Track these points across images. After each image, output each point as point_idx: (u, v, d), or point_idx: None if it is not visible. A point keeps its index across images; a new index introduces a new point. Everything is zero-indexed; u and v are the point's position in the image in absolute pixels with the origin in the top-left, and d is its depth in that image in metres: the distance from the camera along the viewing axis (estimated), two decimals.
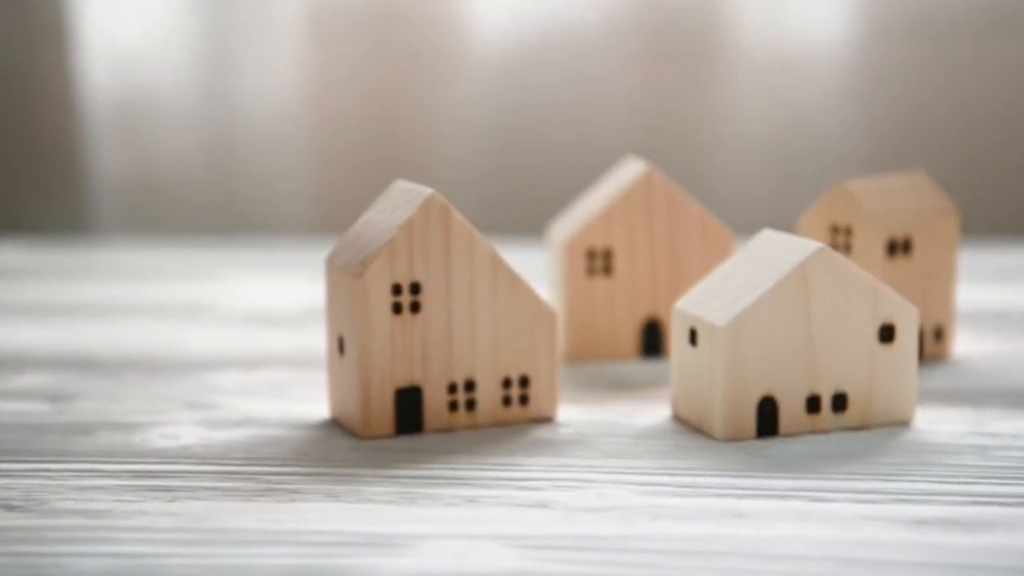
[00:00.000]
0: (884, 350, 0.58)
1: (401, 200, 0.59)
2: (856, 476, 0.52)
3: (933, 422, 0.59)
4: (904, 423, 0.58)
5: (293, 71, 1.24)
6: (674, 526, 0.46)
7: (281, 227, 1.24)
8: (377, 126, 1.26)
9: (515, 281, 0.59)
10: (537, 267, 0.73)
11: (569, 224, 0.72)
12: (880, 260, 0.68)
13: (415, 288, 0.57)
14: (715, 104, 1.23)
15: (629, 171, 0.72)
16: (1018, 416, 0.59)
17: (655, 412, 0.61)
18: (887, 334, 0.58)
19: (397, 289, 0.57)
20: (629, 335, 0.71)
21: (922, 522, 0.46)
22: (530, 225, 1.09)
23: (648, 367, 0.69)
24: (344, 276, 0.58)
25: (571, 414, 0.60)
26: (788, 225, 1.24)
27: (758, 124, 1.23)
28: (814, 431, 0.57)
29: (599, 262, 0.71)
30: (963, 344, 0.72)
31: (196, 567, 0.42)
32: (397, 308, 0.57)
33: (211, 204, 1.27)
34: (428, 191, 0.58)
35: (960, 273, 0.79)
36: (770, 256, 0.59)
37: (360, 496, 0.49)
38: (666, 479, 0.51)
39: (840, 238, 0.70)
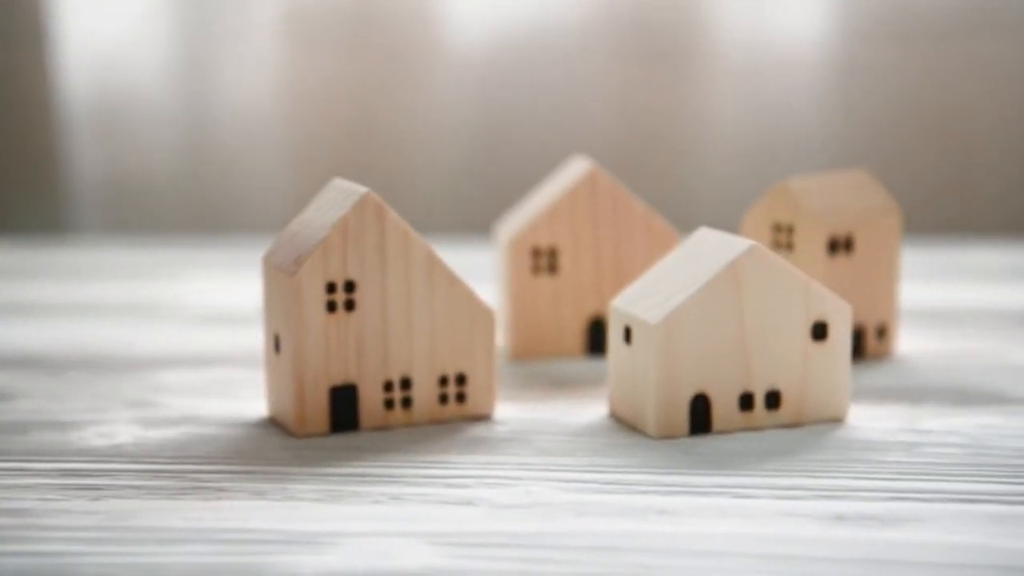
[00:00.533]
0: (817, 348, 0.59)
1: (337, 199, 0.59)
2: (782, 473, 0.52)
3: (867, 419, 0.59)
4: (837, 420, 0.59)
5: (270, 71, 1.24)
6: (595, 523, 0.47)
7: (259, 226, 1.25)
8: (355, 126, 1.26)
9: (452, 280, 0.59)
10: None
11: (515, 223, 0.73)
12: (821, 258, 0.69)
13: (349, 286, 0.58)
14: (694, 105, 1.23)
15: (574, 170, 0.73)
16: (952, 413, 0.60)
17: (593, 410, 0.61)
18: (820, 332, 0.59)
19: (331, 287, 0.57)
20: (574, 334, 0.72)
21: (840, 518, 0.47)
22: None
23: (592, 365, 0.69)
24: (279, 274, 0.58)
25: (509, 412, 0.61)
26: None
27: (737, 124, 1.23)
28: (747, 428, 0.58)
29: (544, 261, 0.71)
30: (906, 342, 0.73)
31: (111, 565, 0.43)
32: (331, 306, 0.57)
33: (189, 204, 1.28)
34: (363, 190, 0.58)
35: (914, 271, 0.79)
36: (704, 254, 0.59)
37: (286, 494, 0.49)
38: (594, 476, 0.52)
39: (782, 236, 0.70)
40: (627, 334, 0.59)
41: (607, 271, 0.71)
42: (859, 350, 0.70)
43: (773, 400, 0.58)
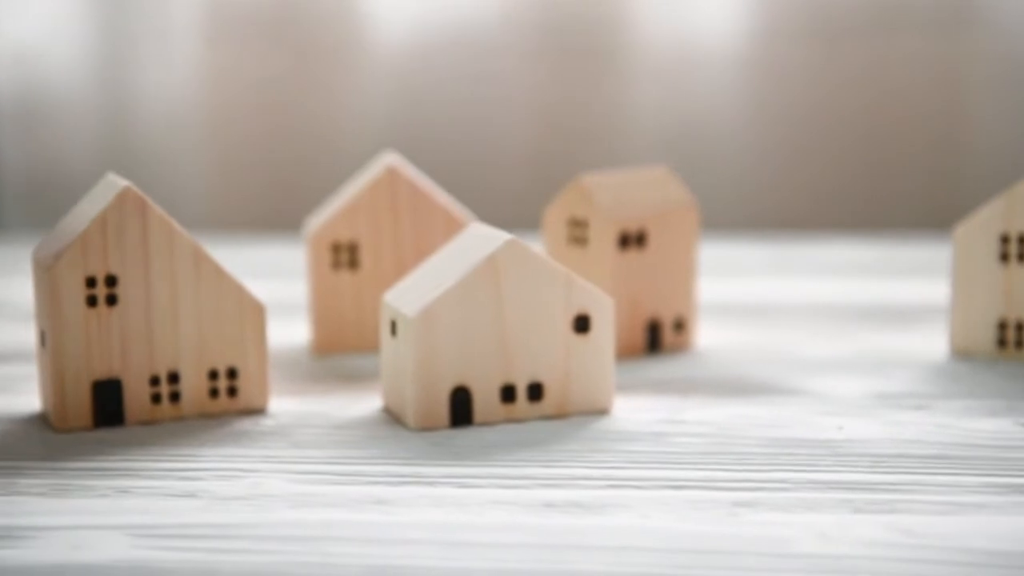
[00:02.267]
0: (579, 340, 0.59)
1: (102, 194, 0.59)
2: (520, 463, 0.52)
3: (632, 410, 0.60)
4: (602, 411, 0.59)
5: (191, 69, 1.24)
6: (308, 513, 0.47)
7: (180, 223, 1.24)
8: (275, 124, 1.26)
9: (220, 274, 0.60)
10: None
11: (318, 219, 0.73)
12: (612, 252, 0.69)
13: (111, 281, 0.58)
14: (613, 101, 1.24)
15: (378, 165, 0.73)
16: (715, 404, 0.61)
17: (370, 403, 0.62)
18: (582, 324, 0.59)
19: (91, 282, 0.57)
20: (375, 328, 0.72)
21: (549, 505, 0.47)
22: None
23: None
24: (40, 268, 0.58)
25: (286, 405, 0.61)
26: None
27: (656, 121, 1.24)
28: (510, 420, 0.58)
29: (344, 255, 0.72)
30: (709, 335, 0.73)
31: None
32: (92, 301, 0.57)
33: None
34: (123, 184, 0.58)
35: (756, 266, 0.80)
36: (468, 249, 0.60)
37: (12, 489, 0.50)
38: (332, 468, 0.52)
39: (578, 231, 0.71)
40: (393, 327, 0.59)
41: (408, 265, 0.72)
42: (656, 343, 0.71)
43: (536, 392, 0.59)
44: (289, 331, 0.75)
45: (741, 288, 0.87)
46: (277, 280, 0.82)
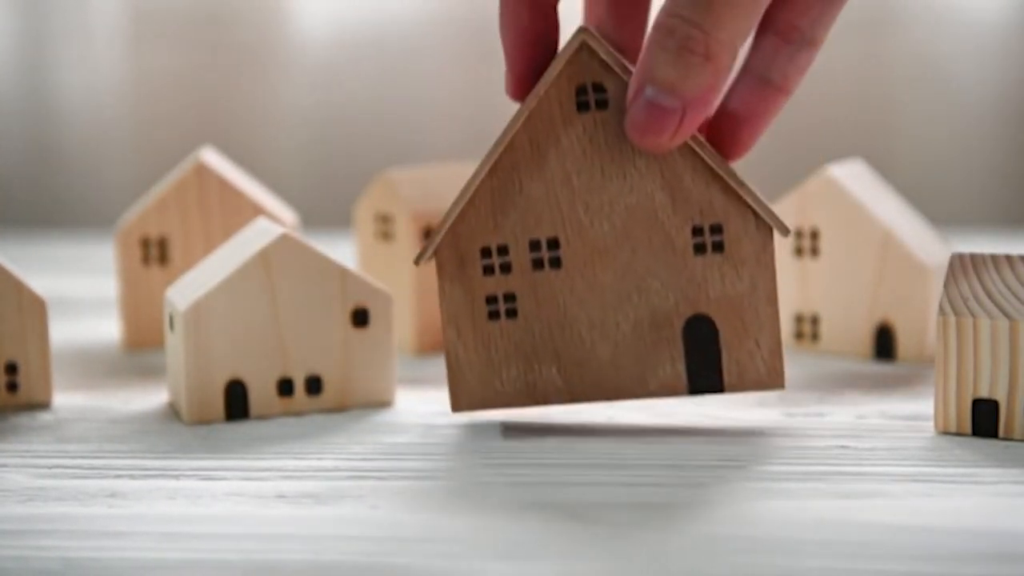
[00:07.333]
0: (358, 334, 0.59)
1: None
2: (274, 456, 0.52)
3: (417, 403, 0.59)
4: (385, 404, 0.59)
5: (114, 69, 1.23)
6: (37, 507, 0.47)
7: (103, 223, 1.23)
8: (198, 124, 1.25)
9: None
10: None
11: (129, 214, 0.73)
12: (417, 247, 0.69)
13: None
14: None
15: (189, 160, 0.73)
16: None
17: (159, 399, 0.61)
18: (360, 318, 0.59)
19: None
20: None
21: (281, 497, 0.47)
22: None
23: None
24: None
25: (72, 400, 0.61)
26: None
27: None
28: (288, 414, 0.58)
29: (154, 251, 0.72)
30: None
31: None
32: None
33: (32, 200, 1.27)
34: None
35: None
36: (246, 243, 0.60)
37: None
38: (82, 462, 0.52)
39: (384, 226, 0.71)
40: (171, 322, 0.59)
41: None
42: None
43: (315, 386, 0.59)
44: (107, 327, 0.75)
45: None
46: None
